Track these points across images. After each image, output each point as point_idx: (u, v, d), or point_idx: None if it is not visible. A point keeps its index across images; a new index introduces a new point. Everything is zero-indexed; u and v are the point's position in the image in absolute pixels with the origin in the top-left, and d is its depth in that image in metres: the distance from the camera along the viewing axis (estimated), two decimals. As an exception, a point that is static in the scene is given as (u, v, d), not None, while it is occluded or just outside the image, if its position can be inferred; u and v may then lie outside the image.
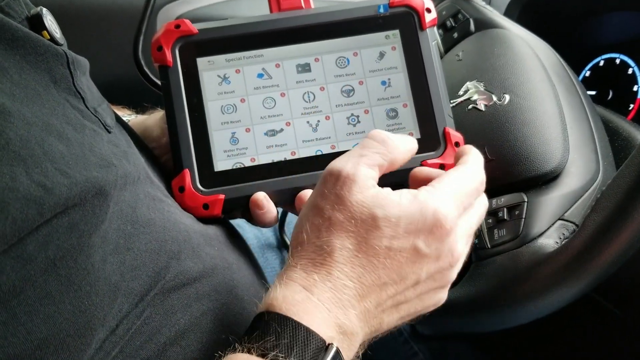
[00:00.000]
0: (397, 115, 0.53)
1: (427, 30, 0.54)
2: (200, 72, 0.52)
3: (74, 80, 0.40)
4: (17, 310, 0.29)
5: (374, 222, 0.37)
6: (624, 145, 0.56)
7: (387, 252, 0.37)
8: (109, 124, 0.42)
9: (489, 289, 0.48)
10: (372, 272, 0.37)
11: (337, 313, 0.36)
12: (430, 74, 0.53)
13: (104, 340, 0.33)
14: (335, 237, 0.37)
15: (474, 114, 0.57)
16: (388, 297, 0.38)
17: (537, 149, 0.51)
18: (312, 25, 0.53)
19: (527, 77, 0.56)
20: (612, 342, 0.65)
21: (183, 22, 0.52)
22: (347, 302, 0.37)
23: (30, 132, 0.32)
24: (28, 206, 0.29)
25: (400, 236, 0.37)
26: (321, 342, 0.34)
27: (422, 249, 0.38)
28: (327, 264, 0.37)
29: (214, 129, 0.51)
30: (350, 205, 0.37)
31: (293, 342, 0.34)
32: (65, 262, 0.31)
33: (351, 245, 0.37)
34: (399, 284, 0.38)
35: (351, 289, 0.37)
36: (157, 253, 0.39)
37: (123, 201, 0.37)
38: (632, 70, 0.73)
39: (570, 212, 0.48)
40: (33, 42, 0.37)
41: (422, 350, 0.91)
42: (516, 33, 0.62)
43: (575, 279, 0.44)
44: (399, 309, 0.39)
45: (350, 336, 0.37)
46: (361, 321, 0.37)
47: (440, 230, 0.38)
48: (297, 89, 0.52)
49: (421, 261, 0.38)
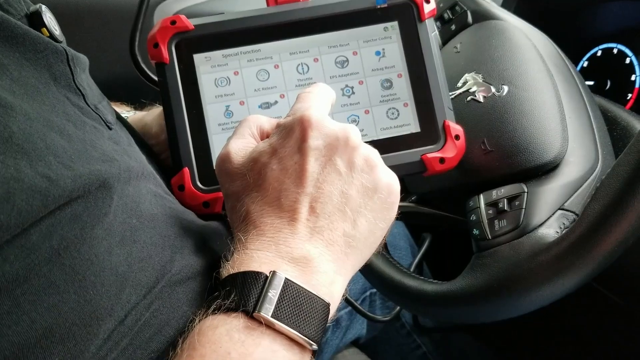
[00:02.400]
0: (396, 108, 0.53)
1: (426, 21, 0.53)
2: (198, 68, 0.51)
3: (74, 77, 0.40)
4: (21, 300, 0.29)
5: (255, 164, 0.40)
6: (622, 134, 0.56)
7: (278, 172, 0.39)
8: (110, 120, 0.42)
9: (490, 279, 0.48)
10: (274, 198, 0.39)
11: (274, 249, 0.37)
12: (430, 66, 0.53)
13: (113, 330, 0.33)
14: (244, 200, 0.40)
15: (472, 106, 0.57)
16: (309, 205, 0.39)
17: (536, 140, 0.51)
18: (310, 19, 0.52)
19: (525, 68, 0.56)
20: (615, 332, 0.65)
21: (179, 18, 0.51)
22: (277, 236, 0.38)
23: (32, 126, 0.32)
24: (33, 197, 0.29)
25: (280, 152, 0.40)
26: (256, 275, 0.35)
27: (309, 145, 0.39)
28: (246, 222, 0.39)
29: (213, 127, 0.51)
30: (237, 168, 0.41)
31: (232, 287, 0.35)
32: (69, 252, 0.31)
33: (253, 194, 0.40)
34: (307, 186, 0.39)
35: (272, 224, 0.38)
36: (161, 246, 0.39)
37: (127, 195, 0.37)
38: (629, 60, 0.73)
39: (570, 201, 0.48)
40: (32, 39, 0.37)
41: (425, 342, 0.92)
42: (514, 24, 0.62)
43: (576, 268, 0.44)
44: (344, 213, 0.39)
45: (304, 260, 0.37)
46: (306, 241, 0.38)
47: (308, 124, 0.40)
48: (291, 61, 0.52)
49: (313, 154, 0.40)
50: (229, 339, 0.33)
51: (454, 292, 0.50)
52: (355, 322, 0.84)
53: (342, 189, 0.40)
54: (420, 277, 0.56)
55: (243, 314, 0.34)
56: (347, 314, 0.82)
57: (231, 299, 0.34)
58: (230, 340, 0.33)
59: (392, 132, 0.52)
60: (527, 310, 0.49)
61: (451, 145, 0.52)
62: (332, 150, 0.40)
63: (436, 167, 0.51)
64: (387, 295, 0.64)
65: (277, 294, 0.34)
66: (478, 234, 0.51)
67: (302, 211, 0.38)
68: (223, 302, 0.34)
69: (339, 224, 0.39)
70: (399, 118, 0.52)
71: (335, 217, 0.39)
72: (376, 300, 0.87)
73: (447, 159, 0.51)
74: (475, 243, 0.51)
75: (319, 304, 0.35)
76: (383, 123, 0.52)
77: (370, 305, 0.86)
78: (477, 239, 0.51)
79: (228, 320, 0.34)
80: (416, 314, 0.87)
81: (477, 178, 0.54)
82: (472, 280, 0.49)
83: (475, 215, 0.52)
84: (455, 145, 0.52)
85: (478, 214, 0.51)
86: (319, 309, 0.35)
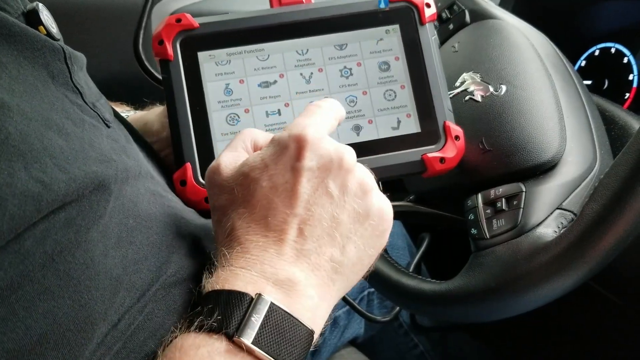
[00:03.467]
0: (398, 115, 0.53)
1: (427, 25, 0.54)
2: (202, 65, 0.52)
3: (72, 75, 0.39)
4: (15, 306, 0.29)
5: (245, 178, 0.39)
6: (620, 133, 0.56)
7: (267, 190, 0.38)
8: (108, 118, 0.42)
9: (488, 279, 0.48)
10: (262, 216, 0.38)
11: (259, 268, 0.36)
12: (431, 68, 0.53)
13: (106, 334, 0.33)
14: (230, 215, 0.39)
15: (470, 105, 0.57)
16: (297, 227, 0.38)
17: (534, 139, 0.51)
18: (313, 20, 0.53)
19: (523, 67, 0.56)
20: (612, 331, 0.65)
21: (184, 16, 0.52)
22: (262, 256, 0.37)
23: (30, 126, 0.32)
24: (26, 202, 0.29)
25: (272, 168, 0.39)
26: (241, 296, 0.34)
27: (302, 165, 0.38)
28: (231, 238, 0.38)
29: (216, 123, 0.51)
30: (225, 181, 0.40)
31: (215, 305, 0.34)
32: (63, 257, 0.31)
33: (240, 210, 0.39)
34: (297, 207, 0.38)
35: (257, 242, 0.37)
36: (158, 247, 0.39)
37: (124, 195, 0.37)
38: (627, 59, 0.73)
39: (568, 201, 0.48)
40: (30, 38, 0.36)
41: (422, 341, 0.92)
42: (512, 23, 0.62)
43: (574, 267, 0.44)
44: (333, 237, 0.38)
45: (289, 283, 0.36)
46: (292, 264, 0.37)
47: (304, 143, 0.39)
48: (295, 71, 0.53)
49: (306, 175, 0.38)
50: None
51: (452, 291, 0.50)
52: (353, 321, 0.84)
53: (333, 213, 0.38)
54: (419, 276, 0.56)
55: (225, 336, 0.33)
56: (344, 313, 0.82)
57: (214, 318, 0.33)
58: None
59: (394, 134, 0.53)
60: (525, 309, 0.49)
61: (451, 145, 0.52)
62: (325, 172, 0.39)
63: (436, 167, 0.52)
64: (385, 294, 0.64)
65: (261, 319, 0.33)
66: (476, 233, 0.51)
67: (289, 232, 0.37)
68: (206, 320, 0.33)
69: (327, 249, 0.38)
70: (401, 124, 0.53)
71: (324, 241, 0.38)
72: (374, 300, 0.87)
73: (447, 159, 0.52)
74: (473, 242, 0.51)
75: (303, 331, 0.35)
76: (386, 130, 0.53)
77: (368, 304, 0.86)
78: (475, 238, 0.51)
79: (210, 341, 0.33)
80: (414, 313, 0.87)
81: (475, 177, 0.54)
82: (470, 280, 0.49)
83: (473, 215, 0.52)
84: (455, 145, 0.52)
85: (476, 213, 0.51)
86: (301, 337, 0.35)
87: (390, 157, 0.51)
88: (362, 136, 0.52)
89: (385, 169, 0.51)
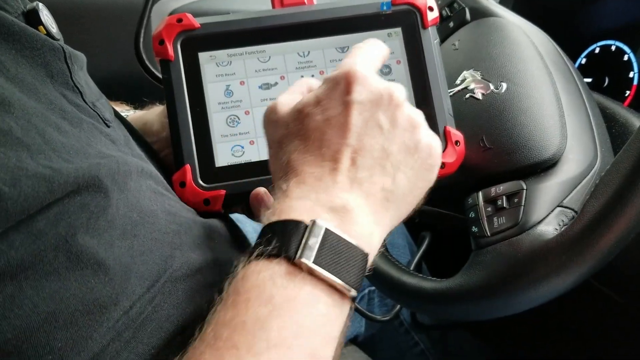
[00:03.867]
0: None
1: (429, 28, 0.54)
2: (202, 66, 0.51)
3: (72, 74, 0.40)
4: (23, 284, 0.29)
5: (299, 114, 0.41)
6: (621, 131, 0.56)
7: (321, 122, 0.40)
8: (108, 118, 0.42)
9: (489, 276, 0.48)
10: (316, 147, 0.39)
11: (314, 197, 0.37)
12: (432, 73, 0.53)
13: (117, 320, 0.34)
14: (286, 148, 0.41)
15: (471, 103, 0.57)
16: (350, 156, 0.39)
17: (534, 137, 0.51)
18: (314, 22, 0.53)
19: (523, 65, 0.56)
20: (613, 329, 0.65)
21: (185, 16, 0.51)
22: (318, 185, 0.38)
23: (31, 122, 0.32)
24: (38, 183, 0.30)
25: (325, 103, 0.40)
26: (297, 223, 0.35)
27: (353, 98, 0.40)
28: (287, 170, 0.40)
29: (216, 125, 0.51)
30: (281, 117, 0.42)
31: (273, 234, 0.35)
32: (75, 240, 0.31)
33: (296, 142, 0.40)
34: (349, 138, 0.39)
35: (312, 173, 0.39)
36: (161, 242, 0.39)
37: (128, 190, 0.37)
38: (627, 57, 0.73)
39: (569, 198, 0.48)
40: (29, 37, 0.37)
41: (423, 339, 0.92)
42: (512, 21, 0.62)
43: (575, 265, 0.44)
44: (384, 167, 0.40)
45: (343, 210, 0.37)
46: (346, 191, 0.38)
47: (353, 78, 0.40)
48: (296, 73, 0.53)
49: (357, 107, 0.40)
50: (272, 283, 0.34)
51: (453, 289, 0.50)
52: (353, 320, 0.84)
53: (383, 145, 0.40)
54: (419, 274, 0.56)
55: (285, 260, 0.34)
56: (345, 311, 0.82)
57: (273, 245, 0.35)
58: (273, 284, 0.33)
59: None
60: (525, 307, 0.49)
61: (451, 150, 0.52)
62: (375, 106, 0.40)
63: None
64: (386, 292, 0.64)
65: (318, 242, 0.35)
66: (477, 231, 0.51)
67: (343, 161, 0.39)
68: (265, 249, 0.35)
69: (379, 178, 0.39)
70: None
71: (375, 170, 0.39)
72: (374, 298, 0.87)
73: (447, 164, 0.52)
74: (474, 240, 0.51)
75: (358, 252, 0.36)
76: None
77: (369, 303, 0.86)
78: (476, 236, 0.51)
79: (270, 265, 0.34)
80: (415, 311, 0.87)
81: (476, 175, 0.54)
82: (470, 278, 0.49)
83: (474, 213, 0.52)
84: (455, 150, 0.52)
85: (477, 211, 0.51)
86: (357, 258, 0.36)
87: None
88: None
89: None
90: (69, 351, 0.31)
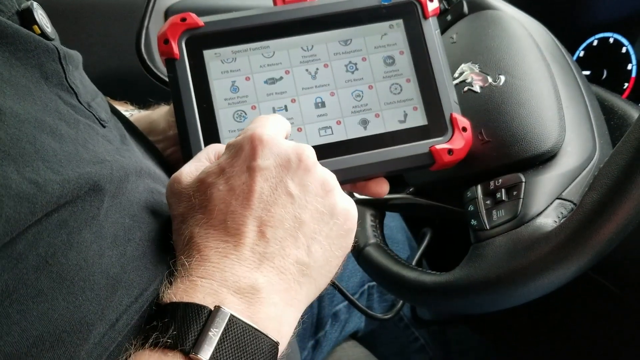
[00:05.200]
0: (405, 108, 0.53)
1: (430, 19, 0.55)
2: (207, 63, 0.52)
3: (66, 75, 0.39)
4: (10, 310, 0.28)
5: (201, 184, 0.38)
6: (619, 123, 0.56)
7: (224, 193, 0.37)
8: (104, 118, 0.42)
9: (489, 269, 0.48)
10: (220, 220, 0.37)
11: (219, 277, 0.35)
12: (435, 62, 0.54)
13: (103, 335, 0.33)
14: (189, 222, 0.38)
15: (469, 96, 0.57)
16: (258, 229, 0.36)
17: (533, 129, 0.51)
18: (317, 16, 0.53)
19: (522, 57, 0.56)
20: (613, 322, 0.65)
21: (189, 15, 0.52)
22: (223, 262, 0.35)
23: (22, 129, 0.31)
24: (20, 204, 0.28)
25: (228, 171, 0.38)
26: (198, 309, 0.32)
27: (258, 164, 0.37)
28: (190, 246, 0.37)
29: (223, 121, 0.51)
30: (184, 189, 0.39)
31: (172, 319, 0.32)
32: (56, 259, 0.30)
33: (198, 216, 0.38)
34: (255, 208, 0.37)
35: (216, 248, 0.36)
36: (156, 243, 0.39)
37: (122, 194, 0.37)
38: (625, 49, 0.73)
39: (568, 191, 0.48)
40: (23, 38, 0.36)
41: (423, 334, 0.92)
42: (510, 14, 0.62)
43: (574, 257, 0.44)
44: (297, 238, 0.37)
45: (251, 291, 0.34)
46: (254, 270, 0.35)
47: (258, 142, 0.38)
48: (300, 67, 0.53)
49: (262, 174, 0.37)
50: None
51: (453, 282, 0.50)
52: (353, 315, 0.84)
53: (295, 213, 0.37)
54: (419, 268, 0.56)
55: (180, 353, 0.31)
56: (345, 307, 0.82)
57: (169, 334, 0.32)
58: None
59: (401, 127, 0.53)
60: (525, 300, 0.49)
61: (459, 137, 0.52)
62: (283, 171, 0.38)
63: (445, 158, 0.52)
64: (386, 287, 0.64)
65: (219, 333, 0.32)
66: (476, 225, 0.51)
67: (249, 235, 0.36)
68: (162, 336, 0.32)
69: (292, 251, 0.37)
70: (408, 117, 0.53)
71: (287, 242, 0.37)
72: (374, 294, 0.87)
73: (455, 150, 0.52)
74: (474, 233, 0.51)
75: (266, 343, 0.33)
76: (393, 123, 0.53)
77: (368, 299, 0.86)
78: (475, 230, 0.51)
79: (165, 359, 0.31)
80: (415, 305, 0.87)
81: (475, 168, 0.54)
82: (470, 271, 0.49)
83: (473, 206, 0.52)
84: (462, 136, 0.52)
85: (476, 205, 0.51)
86: (265, 349, 0.33)
87: (398, 150, 0.51)
88: (370, 130, 0.52)
89: (394, 162, 0.51)
90: None
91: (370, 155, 0.51)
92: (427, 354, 0.91)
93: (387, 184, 0.52)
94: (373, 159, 0.51)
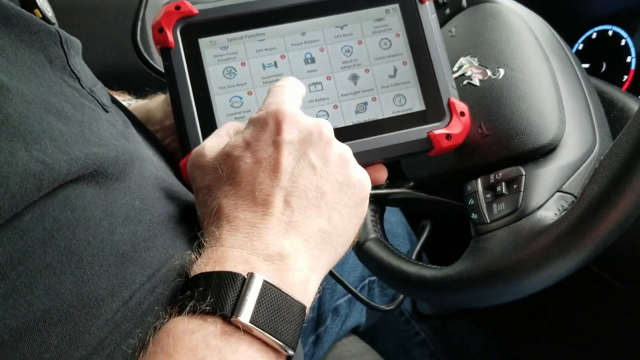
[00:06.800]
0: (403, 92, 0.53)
1: (427, 3, 0.54)
2: (203, 51, 0.51)
3: (68, 59, 0.39)
4: (17, 282, 0.29)
5: (227, 157, 0.40)
6: (619, 115, 0.56)
7: (252, 165, 0.39)
8: (106, 103, 0.42)
9: (489, 263, 0.48)
10: (248, 191, 0.38)
11: (249, 245, 0.36)
12: (432, 46, 0.53)
13: (116, 311, 0.33)
14: (216, 194, 0.39)
15: (469, 90, 0.57)
16: (284, 199, 0.38)
17: (533, 122, 0.51)
18: (312, 2, 0.53)
19: (521, 50, 0.56)
20: (615, 316, 0.65)
21: (183, 3, 0.52)
22: (251, 231, 0.37)
23: (29, 109, 0.31)
24: (27, 180, 0.29)
25: (254, 145, 0.39)
26: (233, 276, 0.34)
27: (283, 138, 0.39)
28: (219, 217, 0.38)
29: (220, 109, 0.51)
30: (209, 162, 0.41)
31: (207, 287, 0.33)
32: (62, 234, 0.31)
33: (226, 187, 0.39)
34: (282, 180, 0.38)
35: (245, 218, 0.37)
36: (165, 227, 0.39)
37: (130, 178, 0.37)
38: (624, 42, 0.73)
39: (568, 183, 0.48)
40: (26, 21, 0.36)
41: (424, 329, 0.92)
42: (509, 7, 0.61)
43: (575, 250, 0.44)
44: (319, 208, 0.39)
45: (279, 257, 0.36)
46: (281, 237, 0.37)
47: (282, 117, 0.40)
48: (296, 51, 0.53)
49: (287, 147, 0.39)
50: (206, 345, 0.32)
51: (453, 276, 0.50)
52: (354, 310, 0.84)
53: (317, 184, 0.39)
54: (419, 262, 0.56)
55: (220, 318, 0.32)
56: (346, 302, 0.82)
57: (207, 301, 0.33)
58: (207, 347, 0.32)
59: (399, 112, 0.53)
60: (525, 293, 0.49)
61: (457, 121, 0.52)
62: (305, 145, 0.40)
63: (443, 143, 0.51)
64: (387, 281, 0.64)
65: (255, 298, 0.33)
66: (476, 218, 0.51)
67: (276, 205, 0.38)
68: (199, 304, 0.33)
69: (314, 219, 0.38)
70: (405, 102, 0.53)
71: (311, 212, 0.39)
72: (375, 288, 0.87)
73: (453, 135, 0.52)
74: (474, 227, 0.51)
75: (296, 307, 0.35)
76: (390, 108, 0.53)
77: (369, 293, 0.86)
78: (476, 223, 0.51)
79: (204, 325, 0.32)
80: (416, 299, 0.87)
81: (475, 162, 0.54)
82: (471, 264, 0.49)
83: (473, 200, 0.52)
84: (460, 121, 0.52)
85: (476, 198, 0.51)
86: (295, 313, 0.34)
87: (396, 135, 0.51)
88: (367, 114, 0.52)
89: (392, 148, 0.51)
90: (66, 347, 0.30)
91: (368, 141, 0.51)
92: (428, 348, 0.91)
93: (385, 170, 0.52)
94: (371, 145, 0.51)
